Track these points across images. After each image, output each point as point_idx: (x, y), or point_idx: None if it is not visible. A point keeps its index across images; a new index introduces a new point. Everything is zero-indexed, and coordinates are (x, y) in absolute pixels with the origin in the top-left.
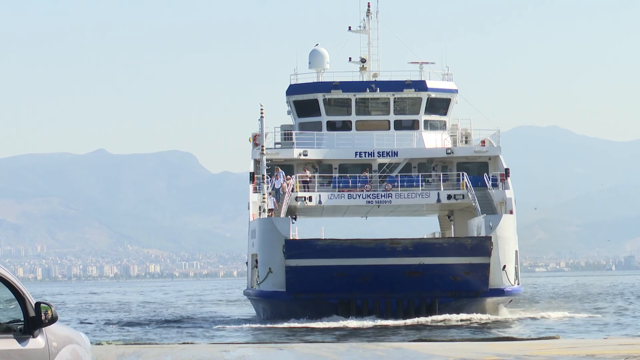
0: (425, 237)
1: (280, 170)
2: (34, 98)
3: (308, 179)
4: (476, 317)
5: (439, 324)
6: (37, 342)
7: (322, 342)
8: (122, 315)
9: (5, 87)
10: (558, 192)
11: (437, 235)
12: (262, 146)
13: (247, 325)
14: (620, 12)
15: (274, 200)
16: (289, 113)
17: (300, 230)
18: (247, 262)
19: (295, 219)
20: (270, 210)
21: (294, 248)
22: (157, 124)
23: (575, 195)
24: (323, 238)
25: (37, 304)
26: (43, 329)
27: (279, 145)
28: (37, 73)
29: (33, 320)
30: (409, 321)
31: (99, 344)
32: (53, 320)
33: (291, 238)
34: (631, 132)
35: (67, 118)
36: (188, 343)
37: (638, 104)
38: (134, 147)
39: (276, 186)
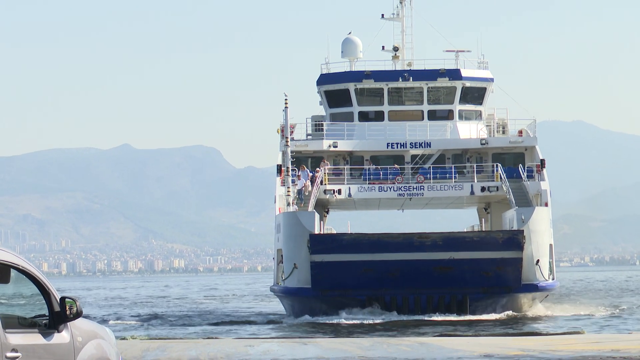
0: (466, 230)
1: (305, 169)
2: (59, 93)
3: (328, 171)
4: (509, 314)
5: (468, 318)
6: (62, 337)
7: (347, 337)
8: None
9: (30, 82)
10: (582, 187)
11: (476, 229)
12: (287, 138)
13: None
14: None
15: (296, 207)
16: (321, 104)
17: (333, 224)
18: (274, 258)
19: (327, 212)
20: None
21: (319, 243)
22: (181, 119)
23: (599, 190)
24: (349, 232)
25: (62, 299)
26: (68, 323)
27: (310, 137)
28: (62, 68)
29: (58, 315)
30: (437, 317)
31: (123, 338)
32: (78, 315)
33: (316, 232)
34: None
35: (91, 113)
36: (212, 338)
37: None
38: (159, 142)
39: (298, 186)
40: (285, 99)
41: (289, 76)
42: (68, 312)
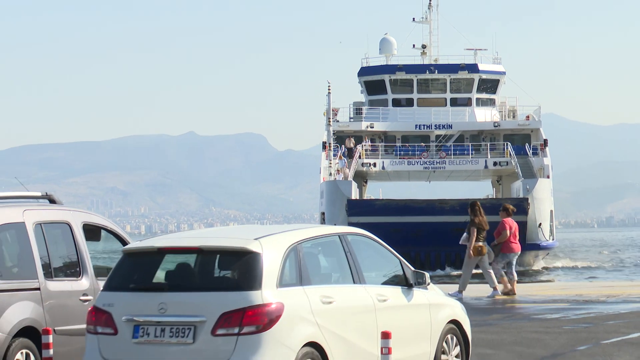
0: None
1: (342, 158)
2: (137, 87)
3: (352, 147)
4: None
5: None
6: None
7: None
8: None
9: (112, 80)
10: (553, 165)
11: (489, 197)
12: (329, 118)
13: None
14: (620, 8)
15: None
16: (361, 92)
17: (372, 193)
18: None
19: (366, 182)
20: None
21: (355, 207)
22: (235, 110)
23: (567, 168)
24: (381, 199)
25: None
26: None
27: (352, 119)
28: (141, 69)
29: None
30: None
31: None
32: None
33: (353, 198)
34: (615, 117)
35: (163, 105)
36: None
37: (622, 92)
38: (217, 130)
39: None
40: (329, 86)
41: (330, 71)
42: None
